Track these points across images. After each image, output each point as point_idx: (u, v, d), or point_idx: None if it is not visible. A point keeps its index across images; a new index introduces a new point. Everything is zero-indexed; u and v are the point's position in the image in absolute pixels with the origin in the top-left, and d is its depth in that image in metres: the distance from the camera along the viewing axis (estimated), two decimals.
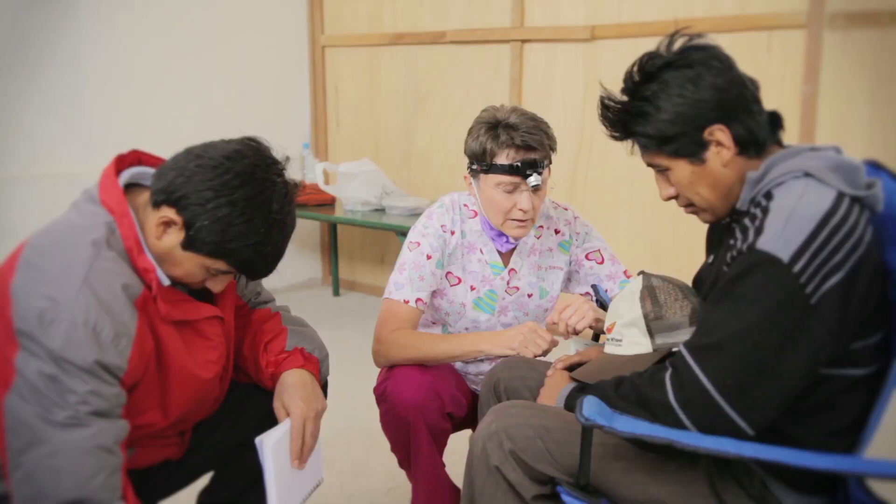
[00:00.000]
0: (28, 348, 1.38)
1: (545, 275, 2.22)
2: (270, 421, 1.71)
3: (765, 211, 1.38)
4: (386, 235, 4.84)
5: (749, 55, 3.32)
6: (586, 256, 2.23)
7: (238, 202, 1.46)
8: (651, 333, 1.60)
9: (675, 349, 1.54)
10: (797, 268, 1.31)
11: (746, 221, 1.41)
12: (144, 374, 1.52)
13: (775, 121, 1.52)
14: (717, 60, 1.47)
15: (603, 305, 2.04)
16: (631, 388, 1.46)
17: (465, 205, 2.19)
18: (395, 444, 2.15)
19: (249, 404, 1.82)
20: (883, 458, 1.32)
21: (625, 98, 1.54)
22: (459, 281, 2.18)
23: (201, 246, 1.49)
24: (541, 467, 1.54)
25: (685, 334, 1.55)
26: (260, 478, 1.65)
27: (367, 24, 4.79)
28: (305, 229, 5.17)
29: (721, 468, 1.48)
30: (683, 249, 3.68)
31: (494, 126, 2.00)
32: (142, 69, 4.24)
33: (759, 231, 1.36)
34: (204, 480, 1.94)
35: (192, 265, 1.53)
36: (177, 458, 1.77)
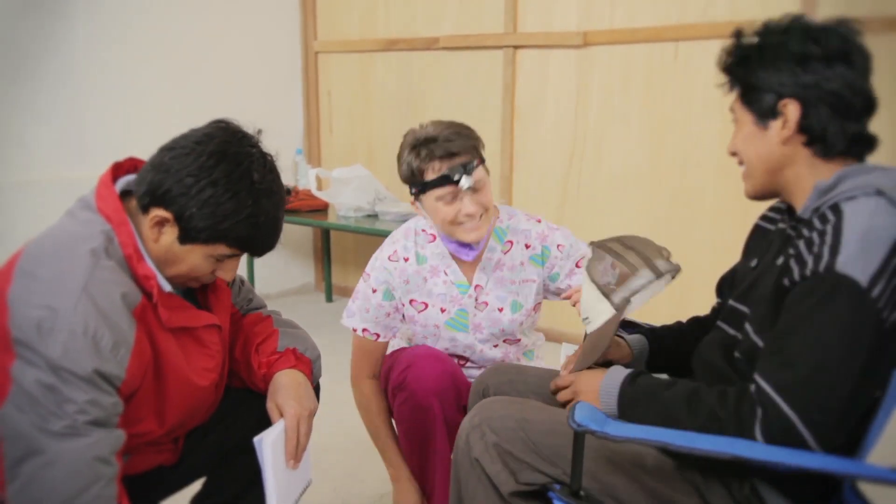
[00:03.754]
0: (25, 357, 1.37)
1: (519, 289, 2.21)
2: (264, 425, 1.71)
3: (836, 229, 1.34)
4: (379, 241, 4.77)
5: None
6: (577, 265, 2.22)
7: (219, 181, 1.46)
8: (607, 296, 1.57)
9: (634, 298, 1.55)
10: (875, 292, 1.30)
11: (814, 236, 1.37)
12: (142, 384, 1.52)
13: (868, 141, 1.47)
14: (842, 50, 1.44)
15: None
16: (708, 415, 1.39)
17: (422, 230, 2.20)
18: (409, 433, 2.17)
19: (243, 409, 1.82)
20: (877, 464, 1.32)
21: (755, 39, 1.52)
22: (426, 306, 2.18)
23: (197, 234, 1.49)
24: (524, 456, 1.54)
25: (641, 279, 1.56)
26: (253, 482, 1.65)
27: (360, 30, 4.80)
28: (298, 235, 5.17)
29: (709, 473, 1.47)
30: (676, 254, 3.68)
31: (416, 146, 2.03)
32: (135, 75, 4.23)
33: (834, 251, 1.32)
34: (197, 485, 1.94)
35: (195, 258, 1.52)
36: (170, 463, 1.76)
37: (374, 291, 2.17)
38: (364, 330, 2.20)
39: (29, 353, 1.36)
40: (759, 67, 1.47)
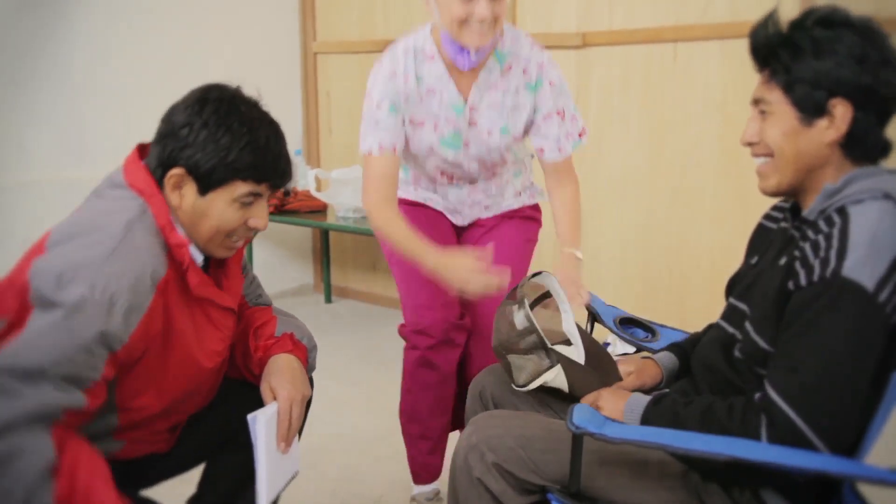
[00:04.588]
0: (41, 308, 1.39)
1: (510, 114, 2.24)
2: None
3: (842, 233, 1.33)
4: (378, 242, 4.81)
5: (741, 62, 3.33)
6: (557, 112, 2.25)
7: (209, 120, 1.53)
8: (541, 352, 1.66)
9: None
10: (882, 297, 1.29)
11: (820, 239, 1.35)
12: (144, 355, 1.52)
13: (885, 148, 1.46)
14: (891, 54, 1.40)
15: (593, 314, 2.03)
16: (718, 429, 1.38)
17: (421, 50, 2.20)
18: (415, 384, 2.34)
19: (236, 399, 1.81)
20: (876, 465, 1.32)
21: (785, 30, 1.45)
22: (422, 124, 2.23)
23: (209, 178, 1.53)
24: (525, 476, 1.54)
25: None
26: (246, 483, 1.64)
27: (359, 31, 4.80)
28: (297, 236, 5.17)
29: (708, 475, 1.47)
30: (674, 256, 3.69)
31: None
32: (135, 76, 4.22)
33: (841, 255, 1.31)
34: (191, 487, 1.93)
35: (220, 206, 1.56)
36: (162, 452, 1.77)
37: (380, 106, 2.19)
38: (380, 147, 2.18)
39: (45, 303, 1.38)
40: (813, 59, 1.40)
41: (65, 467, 1.35)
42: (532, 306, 1.77)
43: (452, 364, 2.32)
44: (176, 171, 1.53)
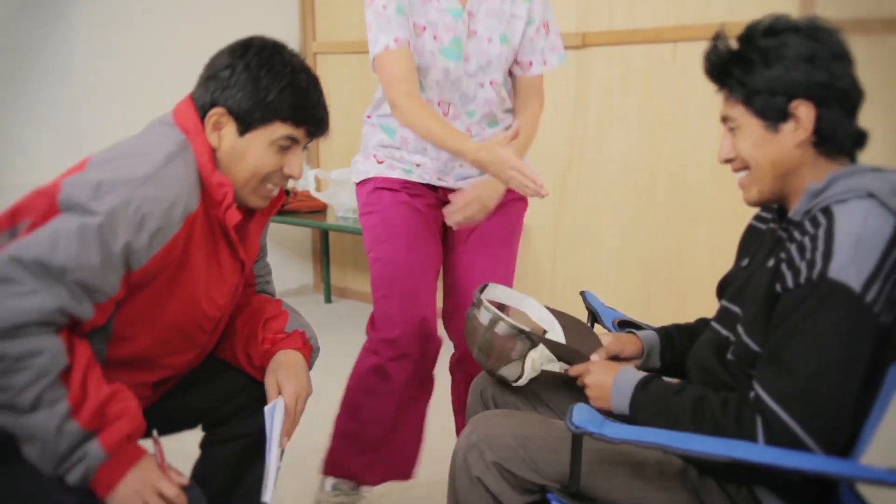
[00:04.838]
0: (71, 212, 1.40)
1: (508, 22, 2.27)
2: (239, 400, 1.75)
3: (828, 234, 1.34)
4: None
5: None
6: (543, 25, 2.29)
7: (251, 63, 1.57)
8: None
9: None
10: (870, 297, 1.30)
11: (805, 241, 1.36)
12: (152, 282, 1.53)
13: (860, 138, 1.48)
14: (841, 48, 1.45)
15: (593, 313, 2.03)
16: (712, 422, 1.39)
17: None
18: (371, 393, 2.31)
19: (226, 383, 1.82)
20: (875, 465, 1.32)
21: (735, 47, 1.51)
22: (423, 30, 2.23)
23: (249, 117, 1.56)
24: (524, 475, 1.54)
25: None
26: (241, 476, 1.68)
27: (359, 32, 4.79)
28: (297, 236, 5.17)
29: (706, 471, 1.48)
30: (674, 256, 3.69)
31: None
32: (135, 76, 4.23)
33: (827, 257, 1.32)
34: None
35: (257, 147, 1.58)
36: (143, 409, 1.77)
37: (386, 8, 2.20)
38: (397, 40, 2.17)
39: (77, 208, 1.40)
40: (764, 69, 1.44)
41: (76, 372, 1.38)
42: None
43: (404, 375, 2.28)
44: (216, 111, 1.56)
